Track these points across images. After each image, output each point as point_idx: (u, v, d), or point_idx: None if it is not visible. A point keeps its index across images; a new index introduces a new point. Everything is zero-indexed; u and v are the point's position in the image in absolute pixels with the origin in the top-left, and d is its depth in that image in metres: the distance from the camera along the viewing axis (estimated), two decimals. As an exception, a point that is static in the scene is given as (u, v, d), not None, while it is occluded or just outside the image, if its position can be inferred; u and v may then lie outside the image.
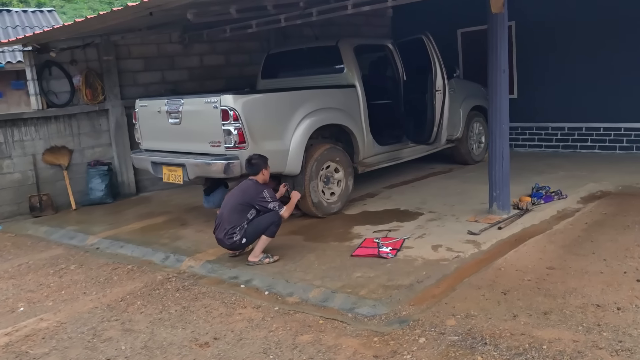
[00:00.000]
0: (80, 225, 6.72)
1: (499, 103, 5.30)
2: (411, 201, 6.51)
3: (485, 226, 5.21)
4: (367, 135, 6.58)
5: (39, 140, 7.70)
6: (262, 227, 4.69)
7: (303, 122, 5.69)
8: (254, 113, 5.31)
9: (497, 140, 5.39)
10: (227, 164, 5.19)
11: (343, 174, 6.22)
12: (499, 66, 5.18)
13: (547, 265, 4.20)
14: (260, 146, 5.33)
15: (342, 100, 6.23)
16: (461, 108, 8.08)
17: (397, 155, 7.19)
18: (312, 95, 5.87)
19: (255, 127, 5.29)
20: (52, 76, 7.76)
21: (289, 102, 5.63)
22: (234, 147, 5.21)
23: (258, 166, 4.86)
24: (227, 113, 5.15)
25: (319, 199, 5.96)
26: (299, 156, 5.65)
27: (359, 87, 6.45)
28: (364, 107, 6.49)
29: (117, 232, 6.22)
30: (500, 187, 5.47)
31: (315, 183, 5.88)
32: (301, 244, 5.21)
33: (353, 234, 5.44)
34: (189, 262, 4.99)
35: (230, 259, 4.90)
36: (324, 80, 6.69)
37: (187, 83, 8.95)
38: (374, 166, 6.82)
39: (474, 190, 6.66)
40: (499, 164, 5.42)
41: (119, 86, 8.21)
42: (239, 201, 4.70)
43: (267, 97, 5.50)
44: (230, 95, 5.18)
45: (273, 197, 4.76)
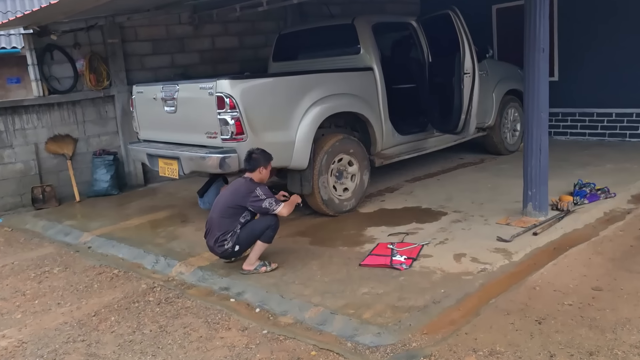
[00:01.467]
0: (78, 220, 6.31)
1: (536, 87, 4.54)
2: (435, 197, 5.83)
3: (518, 231, 4.50)
4: (386, 124, 5.90)
5: (41, 129, 7.29)
6: (256, 231, 4.11)
7: (311, 110, 5.06)
8: (254, 100, 4.71)
9: (534, 131, 4.65)
10: (223, 157, 4.62)
11: (357, 167, 5.58)
12: (538, 44, 4.42)
13: (592, 285, 3.49)
14: (261, 138, 4.74)
15: (357, 85, 5.56)
16: (494, 92, 7.29)
17: (420, 145, 6.49)
18: (322, 80, 5.22)
19: (255, 117, 4.69)
20: (54, 61, 7.31)
21: (295, 87, 5.00)
22: (231, 139, 4.63)
23: (257, 162, 4.26)
24: (222, 100, 4.57)
25: (330, 195, 5.35)
26: (306, 148, 5.03)
27: (377, 70, 5.76)
28: (383, 92, 5.80)
29: (114, 229, 5.76)
30: (537, 185, 4.73)
31: (325, 178, 5.26)
32: (306, 249, 4.62)
33: (366, 237, 4.81)
34: (180, 268, 4.46)
35: (225, 266, 4.36)
36: (339, 62, 6.04)
37: (199, 67, 8.42)
38: (394, 158, 6.14)
39: (506, 186, 5.93)
40: (536, 159, 4.68)
41: (124, 71, 7.73)
42: (229, 203, 4.13)
43: (269, 82, 4.87)
44: (226, 80, 4.59)
45: (268, 193, 4.16)
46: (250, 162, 4.27)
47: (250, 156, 4.30)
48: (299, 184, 5.23)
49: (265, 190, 4.19)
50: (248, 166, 4.29)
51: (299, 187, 5.23)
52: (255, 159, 4.28)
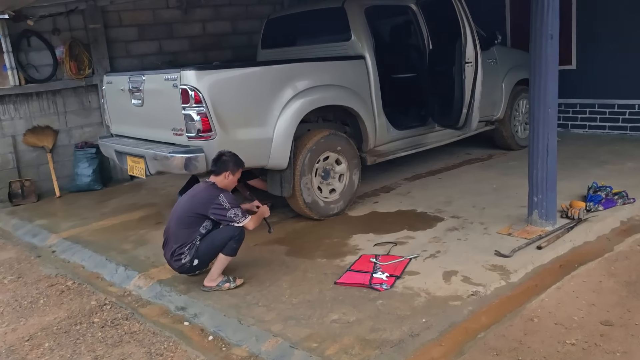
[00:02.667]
0: (50, 219, 5.90)
1: (543, 79, 3.95)
2: (433, 200, 5.28)
3: (520, 244, 3.95)
4: (380, 118, 5.34)
5: (19, 120, 6.90)
6: (218, 243, 3.63)
7: (291, 104, 4.53)
8: (224, 93, 4.20)
9: (540, 129, 4.07)
10: (188, 157, 4.14)
11: (346, 166, 5.05)
12: (545, 30, 3.82)
13: (602, 318, 2.94)
14: (233, 135, 4.25)
15: (346, 75, 5.01)
16: (504, 82, 6.67)
17: (419, 141, 5.92)
18: (304, 70, 4.68)
19: (225, 111, 4.19)
20: (32, 47, 6.88)
21: (272, 79, 4.47)
22: (198, 137, 4.14)
23: (225, 165, 3.76)
24: (187, 94, 4.07)
25: (314, 198, 4.84)
26: (285, 146, 4.52)
27: (369, 59, 5.20)
28: (376, 83, 5.24)
29: (83, 231, 5.34)
30: (544, 191, 4.16)
31: (308, 179, 4.75)
32: (280, 260, 4.13)
33: (349, 246, 4.30)
34: (139, 281, 4.01)
35: (187, 280, 3.89)
36: (329, 49, 5.49)
37: (189, 54, 7.94)
38: (389, 155, 5.59)
39: (513, 187, 5.36)
40: (542, 161, 4.10)
41: (108, 58, 7.28)
42: (188, 211, 3.65)
43: (241, 73, 4.34)
44: (192, 71, 4.08)
45: (233, 203, 3.67)
46: (218, 163, 3.79)
47: (220, 158, 3.81)
48: (279, 185, 4.73)
49: (230, 198, 3.70)
50: (214, 167, 3.81)
51: (279, 189, 4.74)
52: (225, 161, 3.79)
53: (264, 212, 3.98)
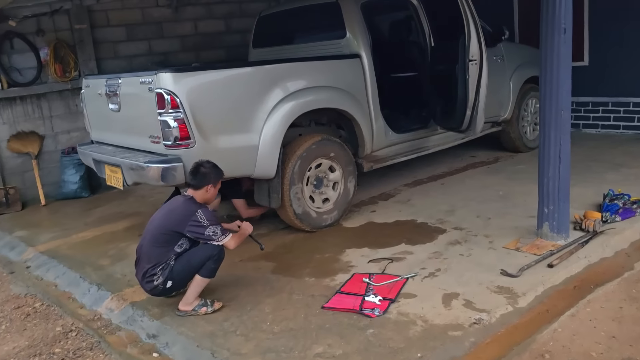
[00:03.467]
0: (31, 230, 5.59)
1: (555, 79, 3.57)
2: (435, 209, 4.90)
3: (529, 261, 3.57)
4: (377, 121, 4.97)
5: (2, 125, 6.59)
6: (194, 263, 3.29)
7: (279, 108, 4.17)
8: (204, 98, 3.85)
9: (551, 134, 3.68)
10: (164, 168, 3.80)
11: (340, 173, 4.69)
12: (557, 23, 3.44)
13: (625, 354, 2.56)
14: (215, 143, 3.90)
15: (340, 76, 4.65)
16: (511, 80, 6.27)
17: (420, 145, 5.54)
18: (292, 71, 4.33)
19: (205, 117, 3.84)
20: (15, 50, 6.57)
21: (257, 81, 4.11)
22: (175, 145, 3.79)
23: (205, 178, 3.42)
24: (162, 98, 3.73)
25: (305, 208, 4.48)
26: (272, 153, 4.17)
27: (365, 57, 4.82)
28: (373, 84, 4.87)
29: (62, 244, 5.03)
30: (555, 202, 3.78)
31: (298, 188, 4.39)
32: (265, 279, 3.78)
33: (341, 263, 3.94)
34: (111, 303, 3.68)
35: (162, 302, 3.55)
36: (323, 48, 5.12)
37: (180, 54, 7.60)
38: (387, 161, 5.22)
39: (521, 194, 4.98)
40: (554, 169, 3.72)
41: (95, 60, 6.95)
42: (162, 229, 3.31)
43: (223, 75, 3.98)
44: (168, 73, 3.74)
45: (212, 219, 3.33)
46: (197, 177, 3.43)
47: (198, 170, 3.46)
48: (266, 196, 4.38)
49: (209, 214, 3.35)
50: (193, 181, 3.45)
51: (267, 199, 4.39)
52: (204, 174, 3.44)
53: (246, 230, 3.63)
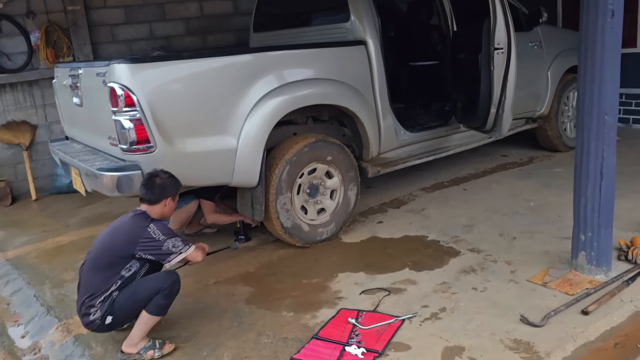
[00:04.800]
0: (9, 231, 5.17)
1: (598, 73, 2.80)
2: (451, 222, 4.20)
3: (558, 303, 2.85)
4: (386, 118, 4.27)
5: (-9, 114, 6.21)
6: (140, 298, 2.71)
7: (262, 105, 3.52)
8: (167, 94, 3.24)
9: (591, 144, 2.92)
10: (119, 176, 3.22)
11: (340, 180, 4.03)
12: (603, 4, 2.66)
13: None
14: (181, 147, 3.29)
15: (339, 66, 3.95)
16: (550, 70, 5.43)
17: (438, 145, 4.81)
18: (280, 61, 3.66)
19: (169, 117, 3.24)
20: (3, 33, 6.11)
21: (235, 73, 3.47)
22: (132, 150, 3.20)
23: (162, 191, 2.86)
24: (115, 95, 3.13)
25: (296, 221, 3.85)
26: (254, 158, 3.54)
27: (372, 44, 4.11)
28: (380, 75, 4.16)
29: (34, 249, 4.57)
30: (594, 228, 3.03)
31: (287, 198, 3.76)
32: (236, 311, 3.18)
33: (329, 292, 3.30)
34: (54, 334, 3.16)
35: (110, 336, 2.99)
36: (326, 33, 4.44)
37: (184, 38, 7.02)
38: (397, 164, 4.51)
39: (556, 206, 4.23)
40: (593, 187, 2.96)
41: (90, 44, 6.44)
42: (105, 250, 2.74)
43: (191, 66, 3.34)
44: (122, 64, 3.13)
45: (167, 232, 2.77)
46: (154, 190, 2.86)
47: (152, 182, 2.88)
48: (249, 206, 3.77)
49: (164, 227, 2.78)
50: (148, 195, 2.87)
51: (250, 210, 3.78)
52: (161, 186, 2.87)
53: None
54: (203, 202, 4.15)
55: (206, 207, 4.17)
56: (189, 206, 3.99)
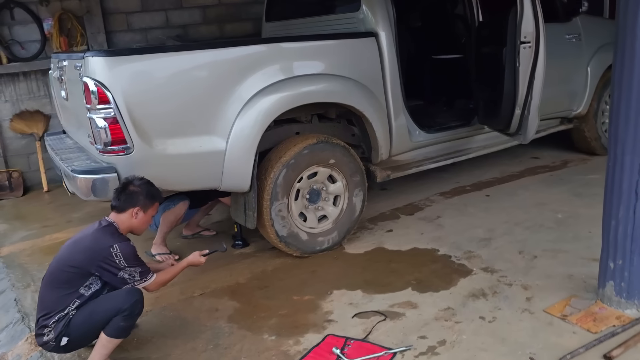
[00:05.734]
0: (12, 224, 5.06)
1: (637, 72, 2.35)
2: (466, 234, 3.81)
3: (577, 343, 2.45)
4: (398, 118, 3.88)
5: (4, 103, 6.11)
6: (98, 318, 2.45)
7: (254, 104, 3.21)
8: (147, 90, 2.96)
9: (626, 158, 2.48)
10: (94, 180, 2.97)
11: (344, 185, 3.68)
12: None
13: None
14: (162, 148, 3.02)
15: (345, 60, 3.58)
16: (590, 66, 4.91)
17: (458, 147, 4.40)
18: (274, 55, 3.32)
19: (148, 115, 2.96)
20: (16, 21, 6.01)
21: (224, 68, 3.16)
22: (106, 151, 2.95)
23: (131, 199, 2.62)
24: (88, 90, 2.88)
25: (292, 229, 3.53)
26: (245, 161, 3.23)
27: (384, 37, 3.72)
28: (392, 70, 3.77)
29: (30, 246, 4.43)
30: (626, 255, 2.60)
31: (283, 204, 3.44)
32: (214, 330, 2.90)
33: (320, 313, 2.98)
34: (23, 346, 2.95)
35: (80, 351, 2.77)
36: (336, 23, 4.09)
37: (201, 27, 6.77)
38: (411, 168, 4.13)
39: (587, 220, 3.78)
40: (627, 209, 2.52)
41: (104, 32, 6.26)
42: (63, 264, 2.50)
43: (173, 60, 3.04)
44: (97, 57, 2.87)
45: (131, 258, 2.51)
46: (122, 196, 2.62)
47: (125, 188, 2.64)
48: (242, 212, 3.48)
49: (128, 251, 2.51)
50: (114, 201, 2.64)
51: (243, 216, 3.49)
52: (132, 194, 2.62)
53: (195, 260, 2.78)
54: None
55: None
56: (176, 208, 3.73)
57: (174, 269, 2.73)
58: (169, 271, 2.71)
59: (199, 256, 2.79)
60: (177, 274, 2.74)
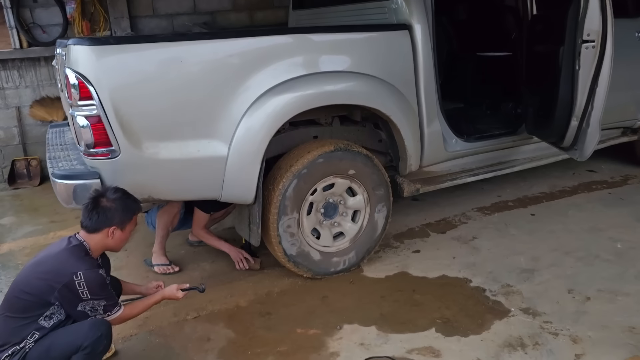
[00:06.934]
0: (21, 217, 4.82)
1: None
2: (506, 262, 3.29)
3: None
4: (432, 124, 3.37)
5: (24, 89, 5.90)
6: (54, 354, 2.08)
7: (262, 104, 2.77)
8: (137, 86, 2.56)
9: None
10: (76, 185, 2.61)
11: (365, 199, 3.22)
12: None
13: None
14: (152, 152, 2.62)
15: (372, 56, 3.09)
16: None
17: (501, 158, 3.85)
18: (285, 49, 2.86)
19: (138, 115, 2.57)
20: (37, 3, 5.76)
21: (227, 62, 2.72)
22: (89, 154, 2.58)
23: (104, 217, 2.24)
24: (69, 84, 2.51)
25: (303, 247, 3.10)
26: (250, 169, 2.81)
27: (418, 30, 3.20)
28: (427, 69, 3.26)
29: (30, 245, 4.15)
30: None
31: (292, 220, 3.01)
32: (200, 367, 2.51)
33: (323, 354, 2.54)
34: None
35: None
36: (366, 13, 3.60)
37: (230, 14, 6.38)
38: (444, 182, 3.61)
39: (653, 254, 3.18)
40: None
41: (128, 18, 5.96)
42: (20, 290, 2.14)
43: (168, 51, 2.62)
44: (81, 46, 2.49)
45: (97, 289, 2.13)
46: (97, 215, 2.24)
47: (96, 203, 2.26)
48: (246, 226, 3.07)
49: (94, 280, 2.13)
50: (85, 221, 2.26)
51: (247, 231, 3.07)
52: (104, 210, 2.24)
53: (172, 294, 2.39)
54: (196, 211, 3.48)
55: (197, 218, 3.49)
56: (169, 206, 3.35)
57: (145, 303, 2.35)
58: (138, 305, 2.33)
59: (176, 290, 2.40)
60: (148, 308, 2.38)
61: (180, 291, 2.42)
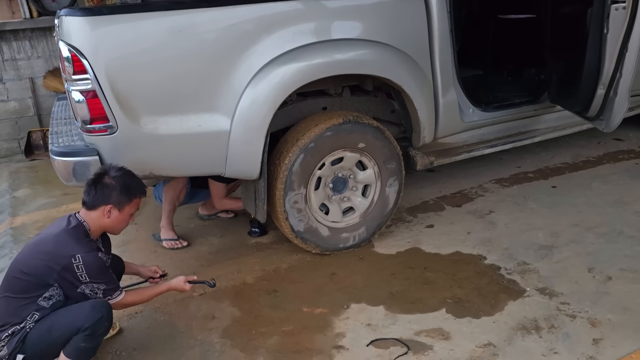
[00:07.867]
0: (36, 189, 4.83)
1: None
2: (523, 237, 3.16)
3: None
4: (447, 93, 3.20)
5: (36, 59, 5.85)
6: (56, 336, 2.06)
7: (265, 75, 2.63)
8: (133, 58, 2.45)
9: None
10: (75, 162, 2.55)
11: (375, 173, 3.10)
12: None
13: None
14: (152, 127, 2.53)
15: (381, 22, 2.91)
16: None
17: (522, 128, 3.67)
18: (289, 16, 2.70)
19: (136, 88, 2.47)
20: (47, -29, 5.67)
21: (228, 31, 2.58)
22: (86, 130, 2.51)
23: (102, 194, 2.20)
24: (62, 57, 2.42)
25: (311, 223, 3.01)
26: (254, 143, 2.70)
27: (433, -7, 3.00)
28: (442, 35, 3.06)
29: (42, 218, 4.16)
30: None
31: (299, 195, 2.91)
32: (203, 347, 2.46)
33: (329, 334, 2.48)
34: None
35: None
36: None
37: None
38: (460, 154, 3.45)
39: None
40: None
41: (138, -16, 5.82)
42: (20, 269, 2.10)
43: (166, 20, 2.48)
44: (73, 16, 2.38)
45: (96, 273, 2.09)
46: (96, 191, 2.19)
47: (98, 180, 2.21)
48: (252, 201, 2.98)
49: (93, 263, 2.08)
50: (85, 196, 2.22)
51: (253, 207, 2.99)
52: (105, 187, 2.19)
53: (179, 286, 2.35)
54: (211, 183, 3.42)
55: (214, 191, 3.44)
56: (174, 180, 3.28)
57: (150, 292, 2.30)
58: (143, 293, 2.29)
59: (183, 282, 2.34)
60: (153, 297, 2.33)
61: (188, 283, 2.36)
